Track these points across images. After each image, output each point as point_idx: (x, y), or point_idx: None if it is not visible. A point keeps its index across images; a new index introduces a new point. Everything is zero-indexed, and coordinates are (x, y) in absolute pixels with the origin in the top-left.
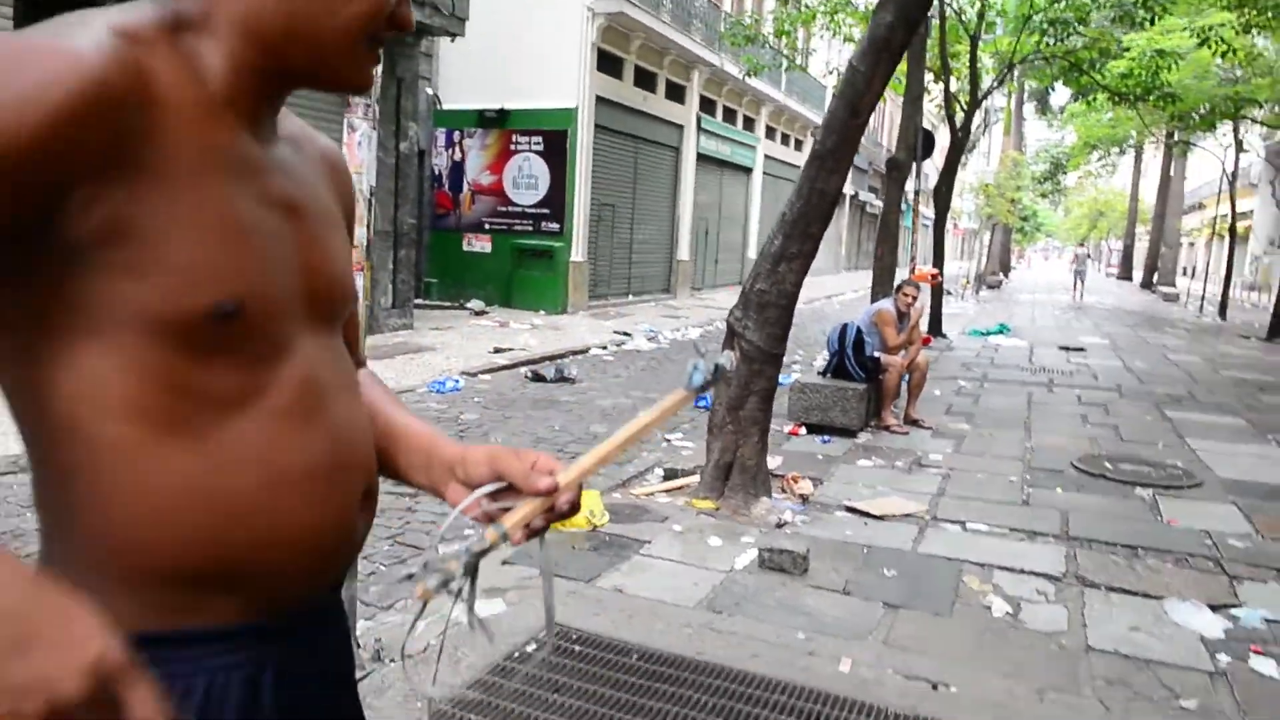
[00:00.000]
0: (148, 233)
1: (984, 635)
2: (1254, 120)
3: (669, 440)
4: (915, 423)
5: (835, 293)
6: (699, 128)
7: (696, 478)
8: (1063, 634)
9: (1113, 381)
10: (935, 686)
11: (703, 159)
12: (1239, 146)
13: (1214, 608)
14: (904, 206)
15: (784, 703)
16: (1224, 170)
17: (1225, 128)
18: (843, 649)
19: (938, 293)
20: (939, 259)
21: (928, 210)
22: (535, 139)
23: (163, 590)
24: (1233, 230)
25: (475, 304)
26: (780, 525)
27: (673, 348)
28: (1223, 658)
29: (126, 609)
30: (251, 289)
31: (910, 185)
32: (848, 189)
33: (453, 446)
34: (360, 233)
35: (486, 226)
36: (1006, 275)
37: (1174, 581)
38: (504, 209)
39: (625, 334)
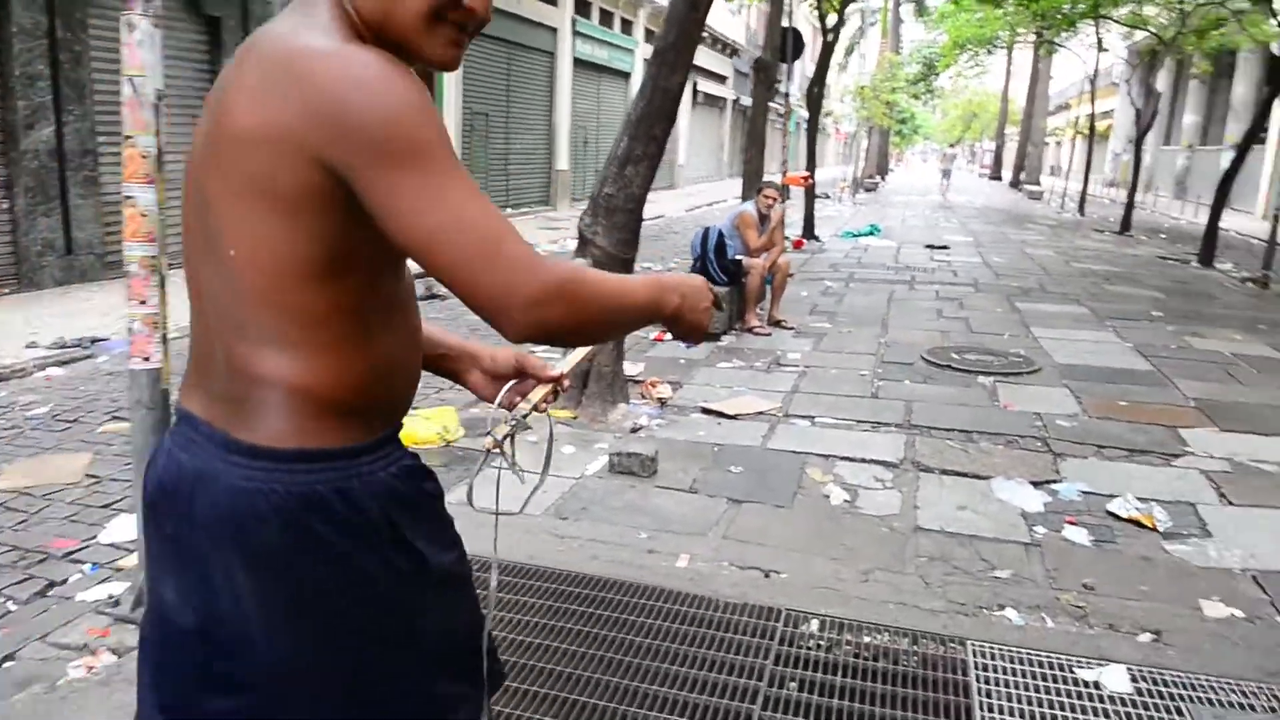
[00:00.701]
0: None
1: (821, 523)
2: (1114, 20)
3: (533, 350)
4: (779, 324)
5: (717, 199)
6: (574, 31)
7: None
8: (895, 517)
9: (971, 277)
10: (767, 575)
11: (580, 64)
12: (1100, 46)
13: (1036, 484)
14: (787, 110)
15: (617, 600)
16: (1087, 70)
17: (1089, 29)
18: (683, 545)
19: (811, 195)
20: (811, 162)
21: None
22: None
23: (362, 415)
24: (1092, 129)
25: None
26: (635, 430)
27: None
28: (1039, 530)
29: (338, 429)
30: None
31: (788, 88)
32: (729, 93)
33: (480, 344)
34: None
35: None
36: (884, 178)
37: (1003, 462)
38: None
39: None
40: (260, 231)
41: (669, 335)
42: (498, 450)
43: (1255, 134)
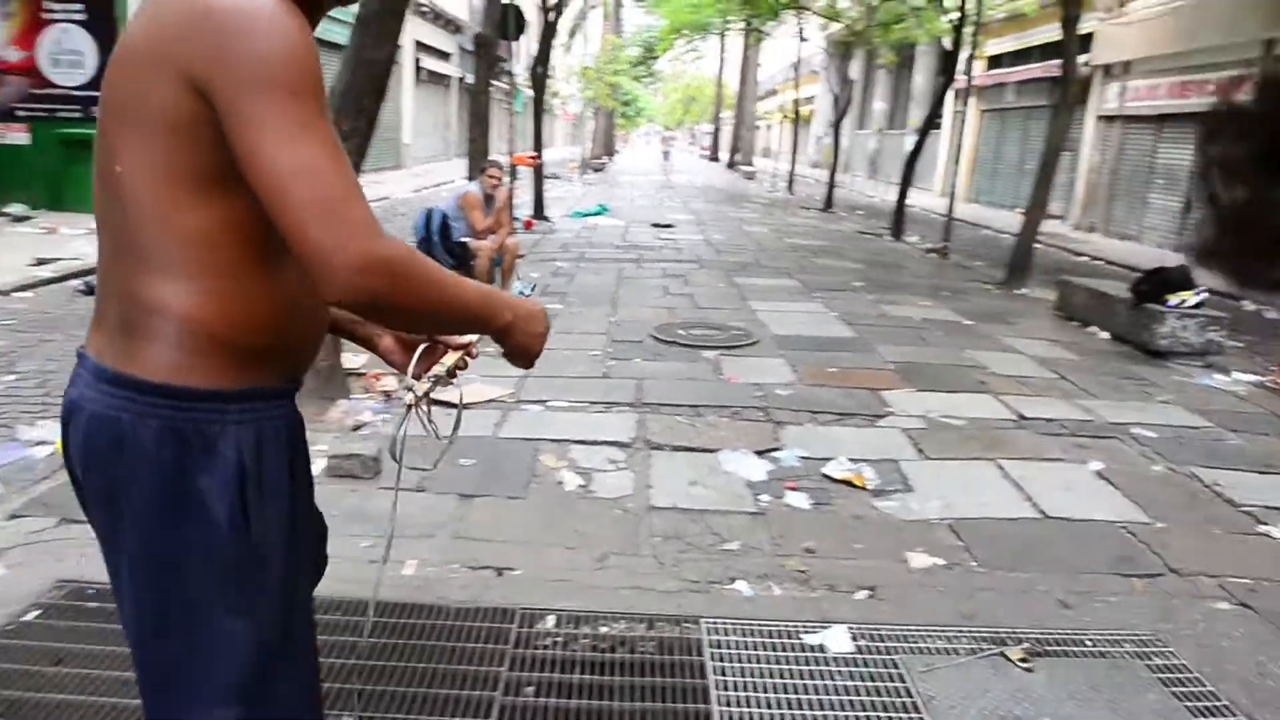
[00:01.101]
0: None
1: (555, 512)
2: (813, 12)
3: None
4: None
5: (446, 180)
6: None
7: None
8: (629, 498)
9: (694, 254)
10: (500, 573)
11: (324, 45)
12: (801, 36)
13: (760, 453)
14: (512, 88)
15: (334, 622)
16: (791, 58)
17: (793, 19)
18: (409, 550)
19: (540, 175)
20: (539, 142)
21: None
22: (74, 6)
23: (252, 358)
24: (797, 114)
25: (16, 208)
26: (357, 428)
27: None
28: (764, 498)
29: (228, 370)
30: None
31: (513, 67)
32: (454, 71)
33: None
34: None
35: (20, 114)
36: (611, 158)
37: (729, 434)
38: (42, 92)
39: None
40: (143, 147)
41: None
42: (417, 408)
43: (932, 120)
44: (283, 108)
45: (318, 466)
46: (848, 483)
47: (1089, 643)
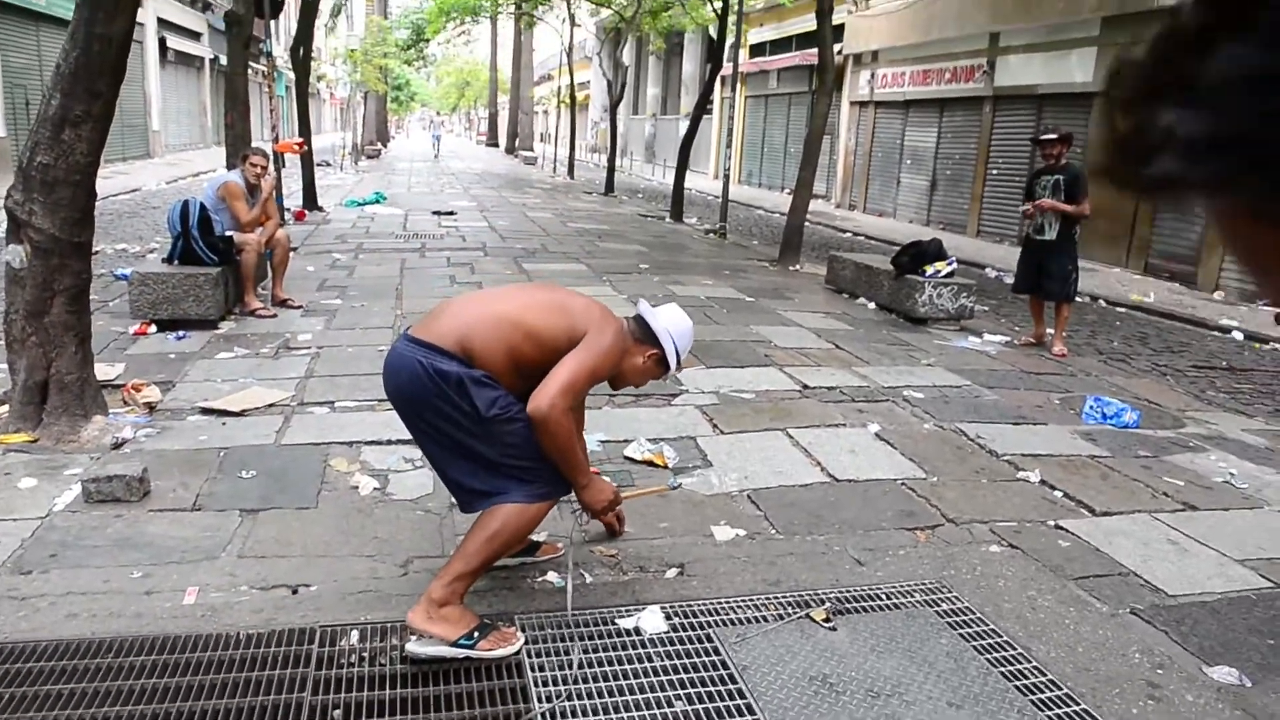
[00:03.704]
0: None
1: (350, 519)
2: None
3: None
4: (284, 303)
5: (204, 169)
6: None
7: (5, 407)
8: (428, 498)
9: (479, 241)
10: (295, 590)
11: (7, 9)
12: (572, 21)
13: None
14: (272, 70)
15: (106, 665)
16: (563, 44)
17: (563, 4)
18: (189, 577)
19: (309, 163)
20: (305, 127)
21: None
22: None
23: None
24: (573, 99)
25: None
26: (118, 446)
27: None
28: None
29: None
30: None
31: (270, 47)
32: (205, 51)
33: None
34: None
35: None
36: (385, 145)
37: None
38: None
39: None
40: None
41: (153, 329)
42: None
43: (703, 105)
44: None
45: (70, 493)
46: (649, 463)
47: (883, 596)
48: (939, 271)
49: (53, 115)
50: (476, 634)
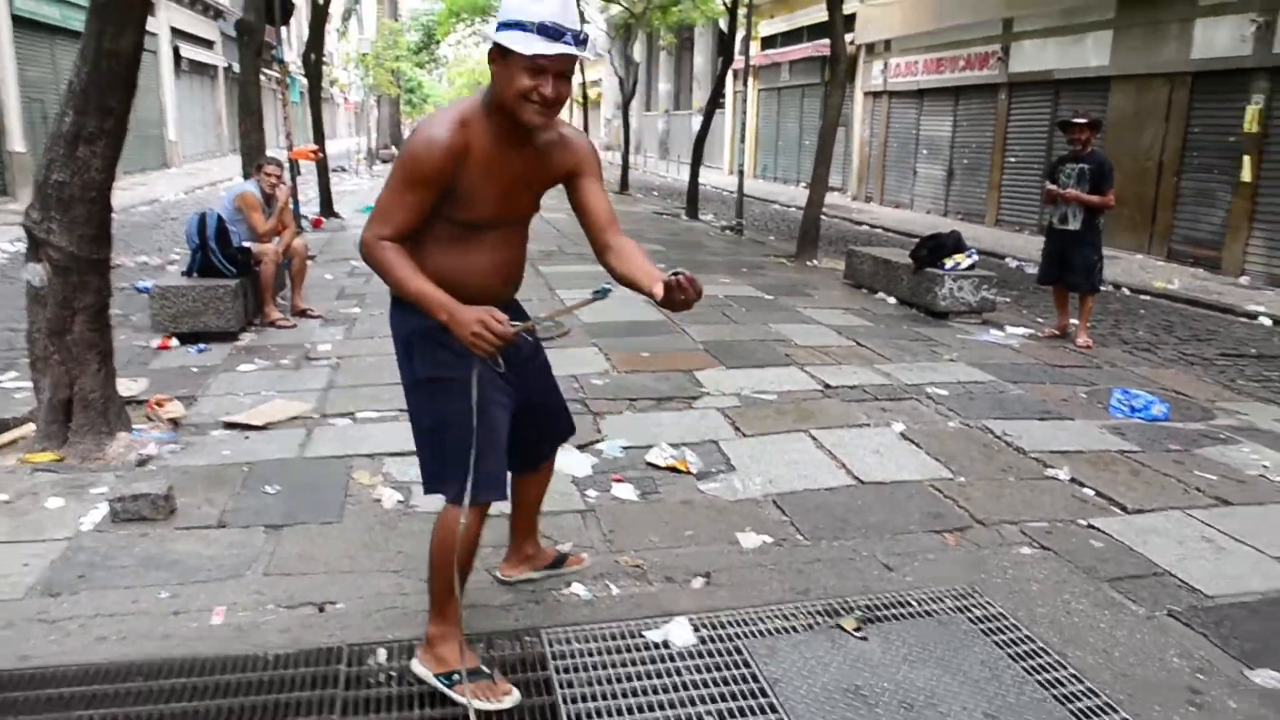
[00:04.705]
0: (465, 193)
1: (375, 533)
2: None
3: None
4: (304, 313)
5: (221, 178)
6: None
7: (33, 426)
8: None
9: None
10: (322, 608)
11: (23, 24)
12: (582, 19)
13: (582, 448)
14: (284, 77)
15: (136, 691)
16: None
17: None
18: (216, 596)
19: (325, 169)
20: (320, 134)
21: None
22: None
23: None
24: (585, 97)
25: None
26: (143, 463)
27: (13, 265)
28: (591, 494)
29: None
30: (486, 213)
31: (283, 54)
32: (219, 60)
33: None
34: None
35: None
36: (399, 148)
37: None
38: None
39: None
40: None
41: (175, 343)
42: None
43: (716, 100)
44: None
45: (97, 513)
46: (672, 469)
47: (913, 602)
48: (959, 264)
49: (66, 132)
50: (456, 676)
